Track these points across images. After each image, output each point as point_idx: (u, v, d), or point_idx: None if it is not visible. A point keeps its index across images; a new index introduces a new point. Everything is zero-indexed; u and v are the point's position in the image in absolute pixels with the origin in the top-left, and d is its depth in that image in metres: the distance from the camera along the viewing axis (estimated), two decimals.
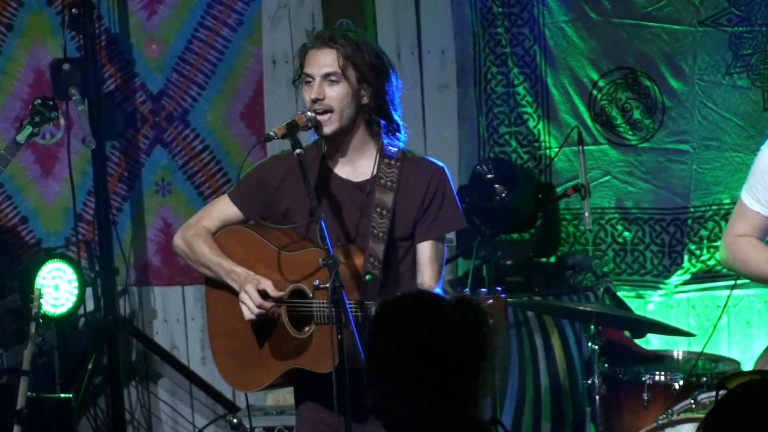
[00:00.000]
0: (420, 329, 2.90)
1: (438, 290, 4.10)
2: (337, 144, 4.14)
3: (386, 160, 4.13)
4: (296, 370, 4.10)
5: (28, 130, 4.67)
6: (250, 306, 4.06)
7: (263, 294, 4.06)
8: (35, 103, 4.73)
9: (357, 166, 4.16)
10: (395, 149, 4.15)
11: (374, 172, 4.13)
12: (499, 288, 3.98)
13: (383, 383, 2.93)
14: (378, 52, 4.15)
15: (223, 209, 4.27)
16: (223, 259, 4.17)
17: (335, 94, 4.07)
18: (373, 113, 4.12)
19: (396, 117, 4.14)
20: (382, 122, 4.14)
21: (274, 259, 4.13)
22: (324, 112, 4.08)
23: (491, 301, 3.90)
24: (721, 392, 3.33)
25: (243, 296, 4.07)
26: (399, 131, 4.16)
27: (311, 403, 4.20)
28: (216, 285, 4.24)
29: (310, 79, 4.09)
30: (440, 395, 2.90)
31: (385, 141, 4.15)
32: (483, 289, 4.00)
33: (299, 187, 4.10)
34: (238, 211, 4.24)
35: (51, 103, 4.60)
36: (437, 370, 2.88)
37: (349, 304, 3.86)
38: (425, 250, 4.16)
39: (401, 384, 2.90)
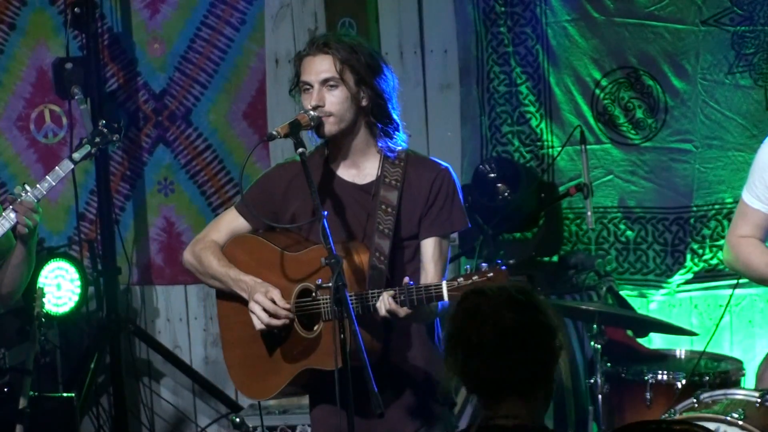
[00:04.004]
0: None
1: None
2: (339, 147, 4.13)
3: (390, 160, 4.12)
4: (307, 371, 4.06)
5: (87, 149, 4.61)
6: (260, 315, 4.03)
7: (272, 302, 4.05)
8: (100, 123, 4.65)
9: (361, 169, 4.15)
10: (398, 149, 4.13)
11: (379, 173, 4.12)
12: (499, 261, 3.91)
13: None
14: (372, 52, 4.12)
15: (231, 221, 4.26)
16: (231, 269, 4.16)
17: (334, 98, 4.05)
18: (372, 115, 4.10)
19: (395, 116, 4.12)
20: (380, 124, 4.11)
21: (278, 260, 4.11)
22: (325, 116, 4.07)
23: (491, 274, 3.84)
24: None
25: (252, 306, 4.05)
26: (398, 130, 4.13)
27: (326, 406, 4.16)
28: (226, 296, 4.23)
29: (309, 87, 4.08)
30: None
31: (386, 141, 4.13)
32: (483, 264, 3.95)
33: (304, 191, 4.08)
34: (246, 222, 4.23)
35: (116, 124, 4.51)
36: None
37: (349, 296, 3.82)
38: (428, 247, 4.13)
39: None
